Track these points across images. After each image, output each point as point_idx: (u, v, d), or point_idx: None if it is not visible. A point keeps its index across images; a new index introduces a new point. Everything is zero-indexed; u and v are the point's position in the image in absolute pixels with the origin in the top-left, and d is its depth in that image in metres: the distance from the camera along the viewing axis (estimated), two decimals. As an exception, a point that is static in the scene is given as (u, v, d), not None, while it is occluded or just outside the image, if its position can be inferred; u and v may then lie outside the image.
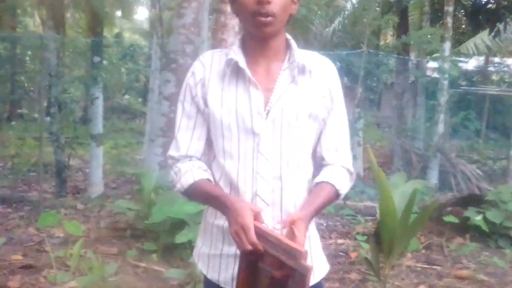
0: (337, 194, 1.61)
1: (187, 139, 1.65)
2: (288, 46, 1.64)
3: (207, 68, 1.63)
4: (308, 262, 1.36)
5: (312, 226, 1.69)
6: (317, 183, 1.60)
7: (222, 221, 1.56)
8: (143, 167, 6.71)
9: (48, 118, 7.34)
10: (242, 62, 1.57)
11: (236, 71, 1.58)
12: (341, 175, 1.63)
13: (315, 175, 1.66)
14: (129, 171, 7.78)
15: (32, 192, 7.12)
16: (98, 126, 6.87)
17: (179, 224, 4.46)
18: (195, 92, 1.63)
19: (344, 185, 1.62)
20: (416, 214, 4.55)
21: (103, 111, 7.39)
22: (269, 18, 1.49)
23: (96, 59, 6.78)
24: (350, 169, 1.68)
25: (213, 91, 1.60)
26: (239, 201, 1.48)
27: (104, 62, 13.79)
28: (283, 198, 1.57)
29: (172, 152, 1.69)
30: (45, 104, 7.59)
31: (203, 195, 1.59)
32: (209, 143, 1.67)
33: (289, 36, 1.65)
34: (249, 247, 1.34)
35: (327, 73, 1.65)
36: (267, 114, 1.55)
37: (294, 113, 1.56)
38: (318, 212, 1.55)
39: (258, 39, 1.58)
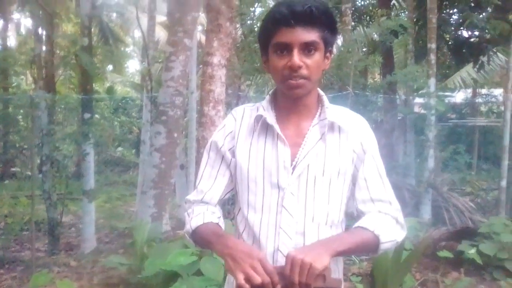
0: (375, 238, 1.51)
1: (207, 186, 1.68)
2: (320, 101, 1.66)
3: (238, 122, 1.67)
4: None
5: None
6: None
7: None
8: (136, 220, 6.71)
9: (40, 176, 7.37)
10: (270, 118, 1.60)
11: (265, 126, 1.61)
12: (379, 219, 1.56)
13: None
14: (120, 225, 7.77)
15: (25, 252, 7.08)
16: (90, 181, 6.89)
17: (172, 277, 4.44)
18: (222, 143, 1.67)
19: (382, 228, 1.53)
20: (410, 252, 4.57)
21: (96, 166, 7.42)
22: (301, 81, 1.51)
23: (87, 115, 6.85)
24: (394, 216, 1.60)
25: (242, 144, 1.63)
26: (245, 242, 1.52)
27: (97, 116, 13.95)
28: None
29: (190, 196, 1.73)
30: (38, 161, 7.62)
31: (207, 235, 1.57)
32: (235, 196, 1.70)
33: (321, 92, 1.67)
34: (268, 279, 1.33)
35: (358, 129, 1.64)
36: (293, 169, 1.56)
37: (320, 170, 1.56)
38: (344, 249, 1.45)
39: (289, 98, 1.60)
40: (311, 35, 1.49)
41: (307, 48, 1.49)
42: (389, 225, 1.56)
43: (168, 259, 4.33)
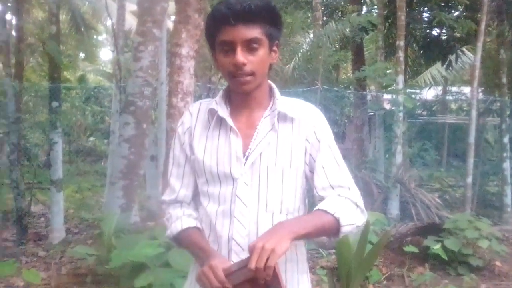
0: (335, 221, 1.52)
1: (177, 185, 1.74)
2: (272, 94, 1.70)
3: (194, 117, 1.71)
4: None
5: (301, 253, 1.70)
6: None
7: None
8: (104, 210, 6.67)
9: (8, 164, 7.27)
10: (222, 111, 1.64)
11: (219, 120, 1.65)
12: (339, 202, 1.57)
13: None
14: (88, 216, 7.72)
15: (-7, 241, 6.99)
16: (58, 171, 6.81)
17: (139, 268, 4.43)
18: (183, 140, 1.71)
19: (342, 211, 1.53)
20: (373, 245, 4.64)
21: (67, 155, 7.33)
22: (248, 78, 1.55)
23: (55, 104, 6.77)
24: (353, 200, 1.61)
25: (198, 139, 1.68)
26: (219, 254, 1.55)
27: (68, 104, 13.77)
28: None
29: (165, 196, 1.78)
30: (8, 150, 7.52)
31: (190, 244, 1.64)
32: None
33: (273, 85, 1.71)
34: (217, 284, 1.38)
35: (310, 118, 1.67)
36: (246, 159, 1.60)
37: (273, 159, 1.60)
38: (305, 232, 1.46)
39: (239, 93, 1.63)
40: (252, 32, 1.52)
41: (250, 44, 1.53)
42: (349, 209, 1.57)
43: (135, 250, 4.33)
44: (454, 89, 19.27)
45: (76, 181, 12.11)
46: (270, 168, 1.60)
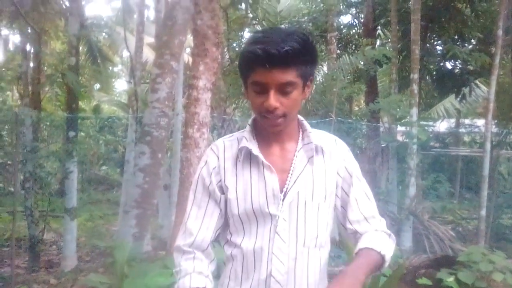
0: (381, 258, 1.54)
1: (195, 228, 1.65)
2: (300, 126, 1.68)
3: (221, 156, 1.65)
4: None
5: None
6: (357, 252, 1.55)
7: None
8: (117, 239, 6.70)
9: (23, 192, 7.35)
10: (255, 148, 1.60)
11: (249, 156, 1.61)
12: (380, 238, 1.60)
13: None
14: (101, 244, 7.73)
15: (5, 268, 7.02)
16: (73, 199, 6.87)
17: (152, 297, 4.43)
18: (208, 181, 1.64)
19: (385, 247, 1.57)
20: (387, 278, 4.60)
21: (80, 184, 7.41)
22: (279, 120, 1.52)
23: (71, 133, 6.87)
24: (387, 231, 1.65)
25: (229, 178, 1.62)
26: None
27: (82, 133, 13.91)
28: (296, 279, 1.57)
29: (179, 241, 1.67)
30: (21, 177, 7.60)
31: None
32: (225, 225, 1.68)
33: (301, 117, 1.69)
34: None
35: (340, 151, 1.69)
36: (284, 195, 1.58)
37: (310, 194, 1.59)
38: (366, 276, 1.46)
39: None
40: (287, 76, 1.47)
41: (284, 87, 1.48)
42: (387, 242, 1.60)
43: (147, 279, 4.32)
44: (467, 121, 19.23)
45: (88, 210, 12.17)
46: (308, 203, 1.60)
